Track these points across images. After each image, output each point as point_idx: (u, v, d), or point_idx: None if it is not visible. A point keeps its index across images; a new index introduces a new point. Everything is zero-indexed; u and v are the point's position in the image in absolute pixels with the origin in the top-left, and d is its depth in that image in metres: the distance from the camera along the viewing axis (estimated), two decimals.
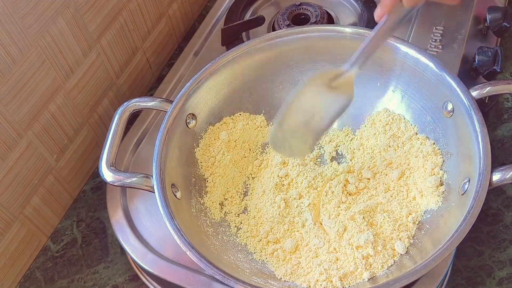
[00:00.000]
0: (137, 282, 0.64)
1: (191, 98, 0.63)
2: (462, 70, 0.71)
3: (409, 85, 0.64)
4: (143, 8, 0.77)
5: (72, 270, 0.66)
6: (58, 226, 0.70)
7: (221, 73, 0.65)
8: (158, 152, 0.57)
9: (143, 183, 0.56)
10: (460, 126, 0.58)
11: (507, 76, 0.79)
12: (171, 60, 0.87)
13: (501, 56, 0.69)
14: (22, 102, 0.60)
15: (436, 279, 0.55)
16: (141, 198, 0.65)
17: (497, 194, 0.66)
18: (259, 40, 0.67)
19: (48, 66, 0.62)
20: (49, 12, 0.60)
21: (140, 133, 0.72)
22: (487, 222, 0.64)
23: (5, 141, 0.59)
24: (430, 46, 0.74)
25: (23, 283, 0.66)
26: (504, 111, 0.74)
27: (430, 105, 0.62)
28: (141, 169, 0.68)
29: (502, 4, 0.80)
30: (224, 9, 0.87)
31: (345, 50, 0.66)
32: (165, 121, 0.60)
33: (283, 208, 0.60)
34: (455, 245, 0.49)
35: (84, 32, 0.67)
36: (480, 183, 0.51)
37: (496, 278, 0.60)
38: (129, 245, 0.61)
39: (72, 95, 0.68)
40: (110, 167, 0.56)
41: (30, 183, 0.64)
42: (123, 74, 0.77)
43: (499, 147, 0.71)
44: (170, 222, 0.52)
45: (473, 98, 0.57)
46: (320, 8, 0.78)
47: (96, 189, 0.74)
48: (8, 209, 0.62)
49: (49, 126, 0.65)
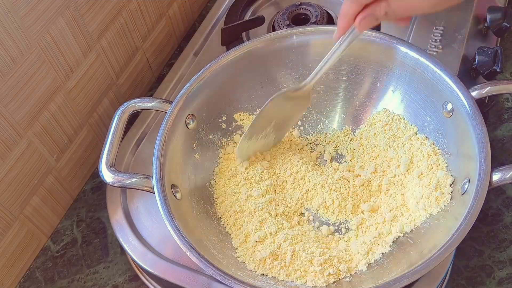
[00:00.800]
0: (137, 282, 0.64)
1: (191, 98, 0.63)
2: (462, 70, 0.71)
3: (409, 86, 0.64)
4: (143, 8, 0.77)
5: (72, 270, 0.66)
6: (58, 226, 0.70)
7: (220, 74, 0.65)
8: (158, 153, 0.57)
9: (143, 183, 0.56)
10: (460, 126, 0.58)
11: (507, 76, 0.79)
12: (171, 60, 0.87)
13: (501, 56, 0.69)
14: (22, 102, 0.60)
15: (436, 279, 0.55)
16: (141, 198, 0.65)
17: (497, 194, 0.66)
18: (259, 40, 0.67)
19: (48, 66, 0.62)
20: (49, 12, 0.60)
21: (140, 133, 0.72)
22: (487, 222, 0.64)
23: (5, 141, 0.59)
24: (430, 46, 0.74)
25: (23, 283, 0.66)
26: (504, 111, 0.74)
27: (430, 105, 0.62)
28: (141, 169, 0.68)
29: (502, 4, 0.80)
30: (224, 9, 0.87)
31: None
32: (165, 122, 0.60)
33: (280, 212, 0.61)
34: (455, 245, 0.49)
35: (84, 32, 0.67)
36: (480, 183, 0.51)
37: (496, 278, 0.60)
38: (129, 245, 0.61)
39: (72, 95, 0.68)
40: (110, 168, 0.56)
41: (30, 183, 0.64)
42: (123, 74, 0.77)
43: (499, 147, 0.71)
44: (170, 222, 0.52)
45: (473, 98, 0.57)
46: (320, 8, 0.78)
47: (96, 189, 0.74)
48: (8, 209, 0.62)
49: (49, 126, 0.65)
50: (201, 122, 0.64)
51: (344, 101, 0.69)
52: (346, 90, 0.69)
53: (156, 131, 0.60)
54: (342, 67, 0.68)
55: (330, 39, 0.65)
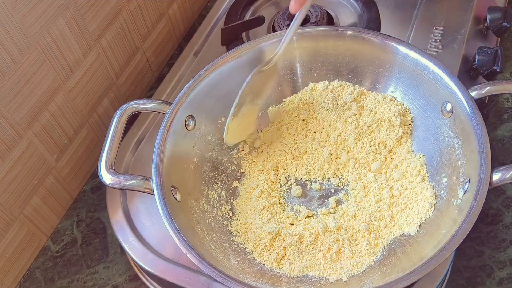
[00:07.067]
0: (137, 282, 0.64)
1: (190, 100, 0.62)
2: (462, 70, 0.71)
3: (409, 86, 0.64)
4: (143, 8, 0.77)
5: (72, 270, 0.66)
6: (58, 226, 0.70)
7: (220, 74, 0.65)
8: (157, 154, 0.57)
9: (142, 185, 0.56)
10: (459, 126, 0.58)
11: (507, 76, 0.79)
12: (171, 60, 0.87)
13: (501, 56, 0.69)
14: (22, 102, 0.60)
15: (436, 279, 0.55)
16: (141, 198, 0.65)
17: (497, 194, 0.66)
18: (259, 40, 0.67)
19: (48, 66, 0.62)
20: (49, 12, 0.60)
21: (140, 133, 0.72)
22: (487, 222, 0.64)
23: (5, 141, 0.59)
24: (430, 46, 0.74)
25: (23, 283, 0.66)
26: (504, 111, 0.74)
27: (430, 105, 0.62)
28: (141, 169, 0.68)
29: (502, 4, 0.80)
30: (224, 9, 0.87)
31: (344, 50, 0.67)
32: (164, 123, 0.60)
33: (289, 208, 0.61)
34: (455, 246, 0.49)
35: (84, 32, 0.67)
36: (480, 183, 0.51)
37: (496, 278, 0.60)
38: (129, 245, 0.61)
39: (72, 95, 0.68)
40: (109, 170, 0.56)
41: (30, 183, 0.64)
42: (123, 74, 0.77)
43: (499, 147, 0.71)
44: (170, 224, 0.52)
45: (472, 98, 0.57)
46: (320, 8, 0.78)
47: (96, 189, 0.74)
48: (8, 209, 0.62)
49: (49, 126, 0.65)
50: (200, 123, 0.64)
51: None
52: None
53: (156, 131, 0.60)
54: (341, 68, 0.68)
55: (329, 39, 0.66)
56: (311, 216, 0.61)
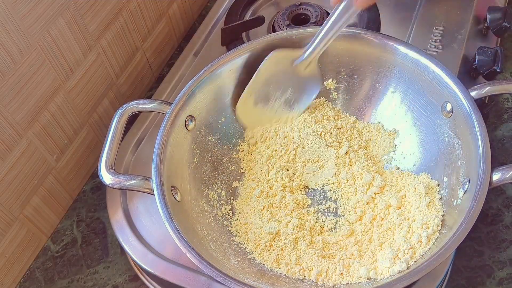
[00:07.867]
0: (137, 282, 0.64)
1: (190, 100, 0.62)
2: (462, 70, 0.71)
3: (409, 86, 0.64)
4: (143, 8, 0.77)
5: (72, 270, 0.66)
6: (58, 226, 0.70)
7: (220, 75, 0.65)
8: (157, 154, 0.57)
9: (142, 185, 0.56)
10: (459, 127, 0.58)
11: (507, 76, 0.79)
12: (171, 60, 0.87)
13: (501, 56, 0.69)
14: (22, 102, 0.60)
15: (436, 279, 0.55)
16: (141, 198, 0.65)
17: (497, 194, 0.66)
18: (259, 40, 0.67)
19: (48, 66, 0.62)
20: (49, 12, 0.60)
21: (140, 133, 0.72)
22: (487, 222, 0.64)
23: (5, 141, 0.59)
24: (430, 46, 0.74)
25: (23, 283, 0.66)
26: (504, 111, 0.74)
27: (430, 105, 0.62)
28: (141, 169, 0.68)
29: (502, 4, 0.80)
30: (224, 9, 0.87)
31: (344, 50, 0.67)
32: (164, 123, 0.60)
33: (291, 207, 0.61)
34: (455, 246, 0.49)
35: (84, 32, 0.67)
36: (480, 183, 0.51)
37: (496, 278, 0.60)
38: (129, 245, 0.61)
39: (72, 95, 0.68)
40: (109, 170, 0.56)
41: (30, 183, 0.64)
42: (123, 74, 0.77)
43: (499, 147, 0.71)
44: (170, 224, 0.52)
45: (472, 98, 0.57)
46: (320, 8, 0.78)
47: (96, 189, 0.74)
48: (8, 209, 0.62)
49: (49, 126, 0.65)
50: (200, 124, 0.64)
51: (344, 102, 0.69)
52: (345, 92, 0.69)
53: (156, 131, 0.60)
54: (341, 69, 0.68)
55: None
56: (310, 216, 0.61)
